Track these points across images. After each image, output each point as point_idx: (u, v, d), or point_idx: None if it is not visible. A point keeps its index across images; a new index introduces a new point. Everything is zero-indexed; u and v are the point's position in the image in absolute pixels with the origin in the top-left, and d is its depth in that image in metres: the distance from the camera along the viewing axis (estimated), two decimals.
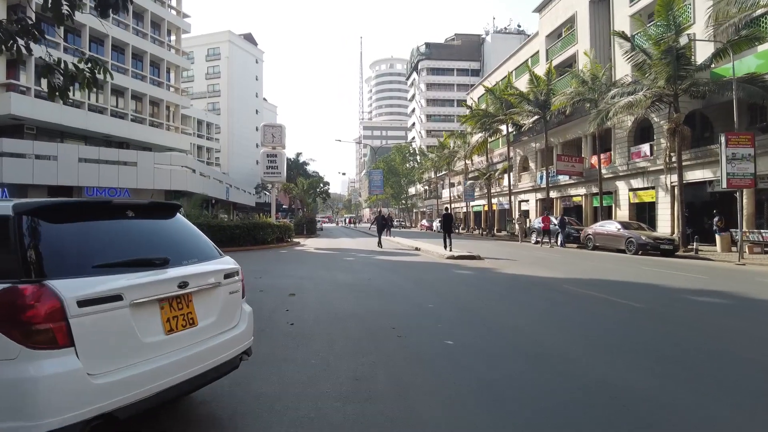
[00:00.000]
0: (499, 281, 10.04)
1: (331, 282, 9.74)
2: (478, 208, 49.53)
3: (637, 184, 25.79)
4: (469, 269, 12.18)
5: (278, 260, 15.37)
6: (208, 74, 73.98)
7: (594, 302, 7.56)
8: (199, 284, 2.83)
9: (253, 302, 7.78)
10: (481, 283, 9.83)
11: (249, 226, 21.50)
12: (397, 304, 7.17)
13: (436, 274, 11.31)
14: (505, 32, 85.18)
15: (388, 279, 10.23)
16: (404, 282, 9.75)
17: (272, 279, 10.35)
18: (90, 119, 28.94)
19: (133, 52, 32.73)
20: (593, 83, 26.14)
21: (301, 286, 9.09)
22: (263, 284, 9.40)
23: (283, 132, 25.24)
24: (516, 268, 12.35)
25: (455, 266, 12.91)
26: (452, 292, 8.39)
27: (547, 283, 9.63)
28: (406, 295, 8.08)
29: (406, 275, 11.01)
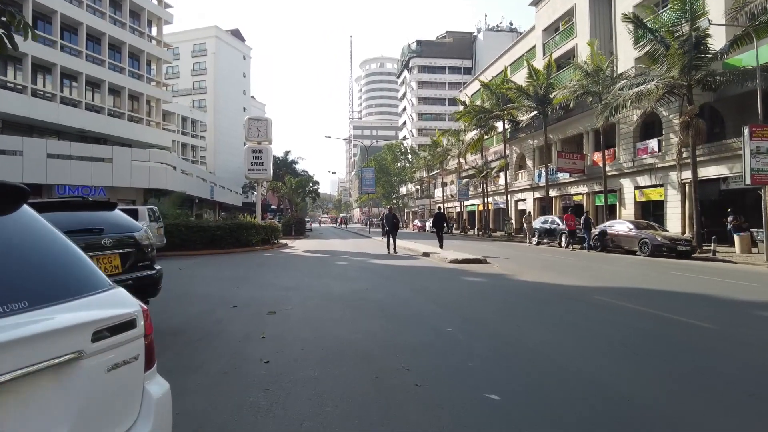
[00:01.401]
0: (520, 292, 8.53)
1: (322, 294, 8.17)
2: (472, 207, 48.19)
3: (643, 181, 24.51)
4: (480, 276, 10.67)
5: (262, 265, 13.76)
6: (194, 71, 71.96)
7: (652, 321, 6.06)
8: (19, 364, 1.25)
9: (222, 324, 6.20)
10: (500, 294, 8.32)
11: (232, 226, 19.83)
12: (406, 328, 5.62)
13: (443, 282, 9.78)
14: (497, 30, 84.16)
15: (388, 289, 8.68)
16: (409, 293, 8.21)
17: (251, 289, 8.77)
18: (62, 113, 27.02)
19: (110, 42, 30.84)
20: (597, 76, 24.82)
21: (284, 300, 7.52)
22: (239, 297, 7.82)
23: (269, 126, 23.57)
24: (531, 275, 10.87)
25: (462, 272, 11.40)
26: (471, 309, 6.85)
27: (576, 294, 8.15)
28: (415, 312, 6.53)
29: (409, 284, 9.46)
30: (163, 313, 6.65)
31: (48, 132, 27.15)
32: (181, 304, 7.45)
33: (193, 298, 8.05)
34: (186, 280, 10.45)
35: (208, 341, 5.11)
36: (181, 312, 6.77)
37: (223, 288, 9.05)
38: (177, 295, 8.27)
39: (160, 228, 16.76)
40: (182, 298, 7.94)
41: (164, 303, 7.39)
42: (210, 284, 9.71)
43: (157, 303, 7.43)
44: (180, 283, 9.97)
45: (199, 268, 13.18)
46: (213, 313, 6.62)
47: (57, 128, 27.46)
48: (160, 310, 6.74)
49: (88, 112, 29.11)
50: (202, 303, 7.46)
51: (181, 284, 9.86)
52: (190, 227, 18.57)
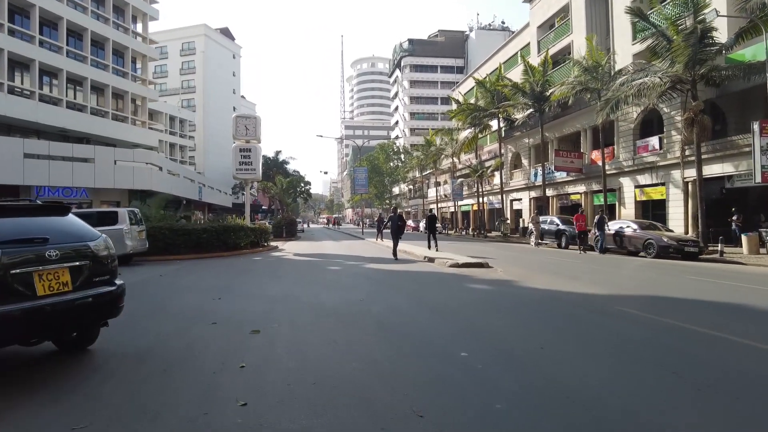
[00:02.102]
0: (534, 302, 7.72)
1: (313, 306, 7.32)
2: (466, 207, 47.53)
3: (644, 180, 23.89)
4: (485, 283, 9.86)
5: (249, 271, 12.88)
6: (183, 69, 70.71)
7: (703, 344, 5.29)
8: None
9: (196, 347, 5.32)
10: (512, 305, 7.50)
11: (218, 229, 18.90)
12: (412, 354, 4.78)
13: (446, 291, 8.97)
14: (490, 28, 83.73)
15: (386, 300, 7.85)
16: (410, 306, 7.39)
17: (235, 301, 7.91)
18: (41, 111, 25.86)
19: (92, 38, 29.68)
20: (596, 71, 24.16)
21: (270, 315, 6.67)
22: (220, 311, 6.95)
23: (258, 124, 22.64)
24: (540, 281, 10.08)
25: (465, 278, 10.59)
26: (484, 326, 6.02)
27: (597, 305, 7.36)
28: (421, 331, 5.70)
29: (409, 293, 8.64)
30: (130, 331, 5.80)
31: (27, 131, 26.00)
32: (154, 319, 6.58)
33: (168, 311, 7.19)
34: (164, 290, 9.58)
35: (175, 372, 4.26)
36: (151, 330, 5.90)
37: (204, 299, 8.19)
38: (151, 309, 7.41)
39: (142, 231, 15.86)
40: (156, 313, 7.07)
41: (134, 318, 6.55)
42: (190, 294, 8.84)
43: (127, 319, 6.55)
44: (157, 293, 9.10)
45: (182, 274, 12.29)
46: (187, 332, 5.76)
47: (36, 127, 26.30)
48: (127, 327, 5.90)
49: (69, 111, 27.95)
50: (178, 318, 6.59)
51: (158, 294, 8.99)
52: (174, 230, 17.63)
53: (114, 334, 5.54)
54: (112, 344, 5.25)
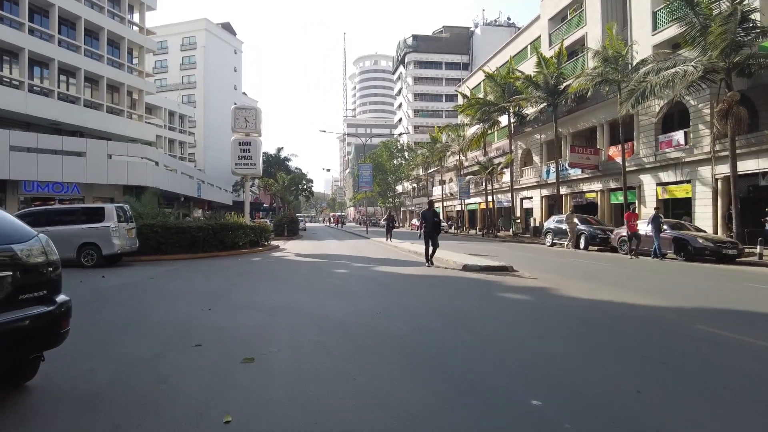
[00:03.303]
0: (592, 320, 6.34)
1: (318, 321, 6.03)
2: (472, 206, 46.16)
3: (667, 177, 22.53)
4: (517, 291, 8.55)
5: (246, 274, 11.59)
6: (183, 65, 69.47)
7: None
8: None
9: (168, 383, 3.31)
10: (566, 324, 6.13)
11: (215, 227, 17.61)
12: (459, 399, 3.47)
13: (477, 302, 7.66)
14: (495, 24, 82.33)
15: (408, 314, 6.54)
16: (438, 321, 6.08)
17: (226, 312, 6.62)
18: (31, 102, 24.57)
19: (86, 27, 28.38)
20: (616, 62, 22.80)
21: (267, 334, 5.38)
22: (207, 327, 5.68)
23: (258, 116, 21.34)
24: (579, 289, 8.74)
25: (491, 285, 9.29)
26: (545, 354, 4.63)
27: (670, 323, 6.05)
28: (463, 362, 4.40)
29: (432, 304, 7.34)
30: (91, 356, 4.54)
31: (16, 124, 24.68)
32: (127, 338, 5.31)
33: (147, 326, 5.90)
34: (149, 296, 8.31)
35: (132, 427, 2.97)
36: (118, 355, 4.61)
37: (191, 309, 6.92)
38: (127, 323, 6.15)
39: (132, 229, 14.59)
40: (132, 328, 5.79)
41: (103, 336, 5.33)
42: (177, 302, 7.57)
43: (93, 337, 5.34)
44: (140, 301, 7.84)
45: (172, 277, 11.02)
46: (162, 360, 4.46)
47: (26, 119, 25.01)
48: (90, 350, 4.66)
49: (61, 103, 26.67)
50: (156, 337, 5.31)
51: (140, 302, 7.73)
52: (167, 228, 16.36)
53: (68, 362, 4.27)
54: (61, 378, 3.97)
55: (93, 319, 6.40)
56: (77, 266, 12.89)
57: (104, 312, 6.96)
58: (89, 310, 6.99)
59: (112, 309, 7.21)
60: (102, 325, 6.01)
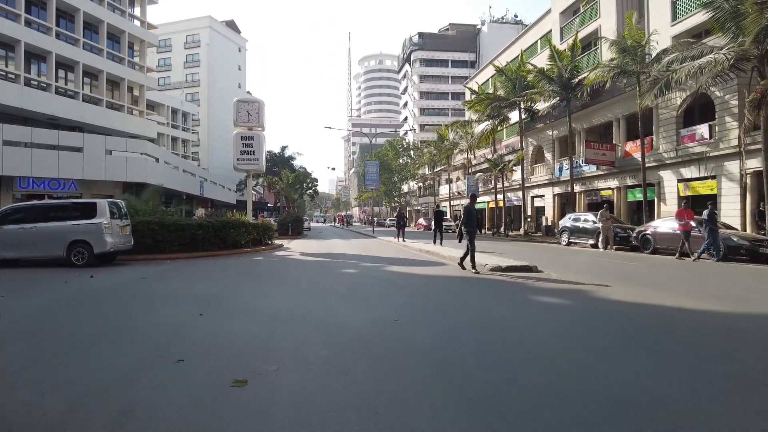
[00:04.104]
0: (654, 329, 5.39)
1: (329, 331, 5.08)
2: (481, 205, 45.10)
3: (689, 173, 21.46)
4: (552, 294, 7.56)
5: (247, 274, 10.66)
6: (187, 63, 68.73)
7: None
8: None
9: (134, 415, 2.92)
10: (622, 332, 5.17)
11: (216, 225, 16.72)
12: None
13: (509, 305, 6.69)
14: (502, 22, 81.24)
15: (432, 322, 5.58)
16: (471, 333, 5.10)
17: (221, 318, 5.69)
18: (27, 96, 23.74)
19: (85, 20, 27.55)
20: (635, 53, 21.74)
21: (267, 347, 4.43)
22: (197, 336, 4.76)
23: (261, 109, 20.46)
24: (625, 293, 7.70)
25: (522, 287, 8.31)
26: (621, 382, 3.65)
27: (752, 333, 5.07)
28: (509, 385, 3.45)
29: (459, 310, 6.37)
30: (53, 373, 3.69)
31: (12, 119, 23.84)
32: (99, 350, 4.40)
33: (126, 336, 4.98)
34: (137, 300, 7.40)
35: None
36: (83, 374, 3.70)
37: (182, 314, 6.03)
38: (108, 330, 5.26)
39: (126, 226, 13.71)
40: (109, 338, 4.88)
41: (74, 348, 4.56)
42: (166, 307, 6.68)
43: (65, 348, 4.51)
44: (128, 304, 6.94)
45: (168, 278, 10.13)
46: (134, 381, 3.54)
47: (23, 114, 24.18)
48: (53, 366, 3.90)
49: (59, 97, 25.84)
50: (133, 350, 4.40)
51: (128, 306, 6.83)
52: (165, 226, 15.46)
53: (16, 383, 3.38)
54: None
55: (68, 326, 5.54)
56: (67, 265, 12.04)
57: (83, 318, 6.06)
58: (67, 316, 6.13)
59: (92, 314, 6.31)
60: (76, 334, 5.10)
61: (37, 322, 5.70)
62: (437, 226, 20.33)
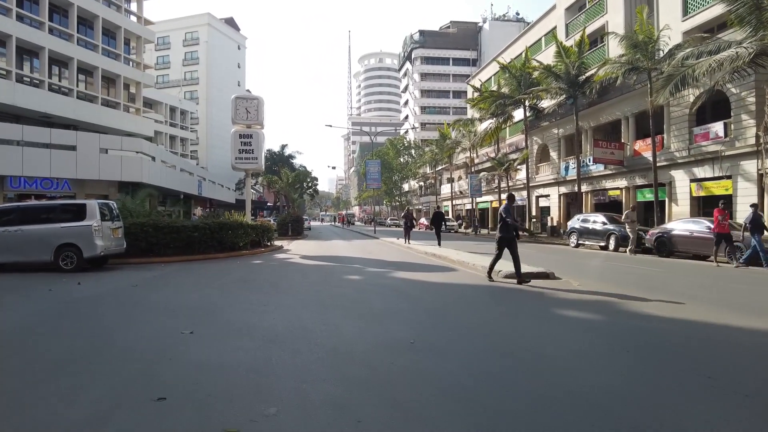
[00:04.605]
0: (722, 358, 4.73)
1: (334, 357, 4.39)
2: (484, 205, 44.47)
3: (703, 172, 20.77)
4: (581, 307, 6.86)
5: (244, 281, 9.98)
6: (186, 60, 67.94)
7: None
8: None
9: None
10: (682, 361, 4.51)
11: (212, 226, 16.04)
12: None
13: (537, 323, 5.99)
14: (504, 19, 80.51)
15: (455, 344, 4.88)
16: (500, 360, 4.41)
17: (210, 341, 5.00)
18: (19, 93, 23.02)
19: (79, 15, 26.81)
20: (646, 49, 21.04)
21: (262, 380, 3.73)
22: (182, 365, 4.09)
23: (260, 106, 19.76)
24: (659, 306, 7.05)
25: (544, 298, 7.62)
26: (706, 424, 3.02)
27: None
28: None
29: (482, 328, 5.68)
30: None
31: (3, 117, 23.08)
32: (65, 381, 3.73)
33: (101, 361, 4.32)
34: (123, 312, 6.72)
35: None
36: (38, 419, 3.02)
37: (169, 332, 5.39)
38: (81, 353, 4.62)
39: (118, 229, 13.02)
40: (82, 364, 4.22)
41: (36, 379, 3.85)
42: (154, 321, 6.02)
43: (27, 378, 3.86)
44: (109, 319, 6.26)
45: (159, 285, 9.47)
46: (101, 430, 2.87)
47: (14, 111, 23.45)
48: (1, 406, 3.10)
49: (52, 94, 25.11)
50: (107, 381, 3.73)
51: (109, 321, 6.15)
52: (159, 228, 14.79)
53: None
54: None
55: (40, 345, 4.91)
56: (55, 270, 11.37)
57: (58, 335, 5.40)
58: (42, 332, 5.47)
59: (70, 330, 5.65)
60: (45, 358, 4.43)
61: (3, 344, 5.03)
62: (436, 227, 20.46)
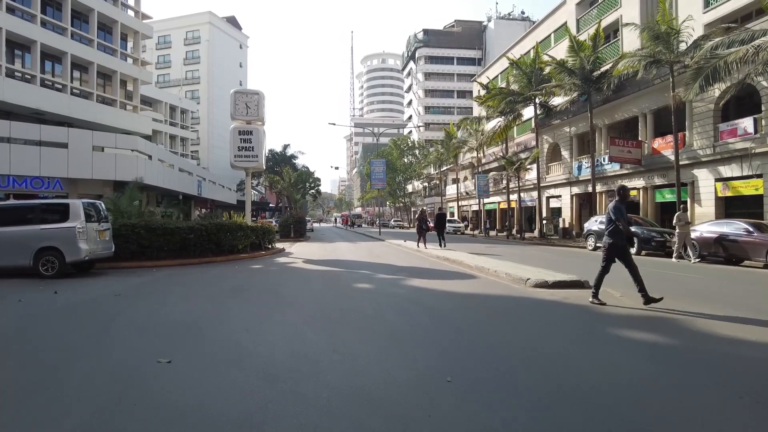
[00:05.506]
0: None
1: (351, 409, 3.29)
2: (491, 206, 43.32)
3: (729, 171, 19.61)
4: (638, 326, 5.75)
5: (240, 290, 8.87)
6: (187, 59, 67.05)
7: None
8: None
9: None
10: None
11: (209, 228, 14.97)
12: None
13: (598, 353, 4.86)
14: (509, 18, 79.50)
15: (507, 387, 3.76)
16: (572, 414, 3.33)
17: (190, 373, 3.90)
18: (8, 88, 22.00)
19: (73, 8, 25.77)
20: (668, 41, 19.88)
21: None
22: (152, 409, 2.96)
23: (260, 102, 18.69)
24: (729, 326, 5.94)
25: (589, 315, 6.50)
26: None
27: None
28: None
29: (536, 362, 4.54)
30: None
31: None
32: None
33: (50, 400, 3.23)
34: (94, 329, 5.65)
35: None
36: None
37: (143, 358, 4.34)
38: (25, 390, 3.50)
39: (106, 231, 11.94)
40: (16, 409, 3.10)
41: None
42: (127, 342, 4.97)
43: None
44: (76, 339, 5.19)
45: (144, 294, 8.41)
46: None
47: (4, 107, 22.29)
48: None
49: (44, 90, 24.05)
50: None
51: (75, 341, 5.08)
52: (151, 229, 13.72)
53: None
54: None
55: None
56: (34, 276, 10.31)
57: (9, 362, 4.34)
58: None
59: (19, 355, 4.61)
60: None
61: None
62: (439, 229, 20.05)
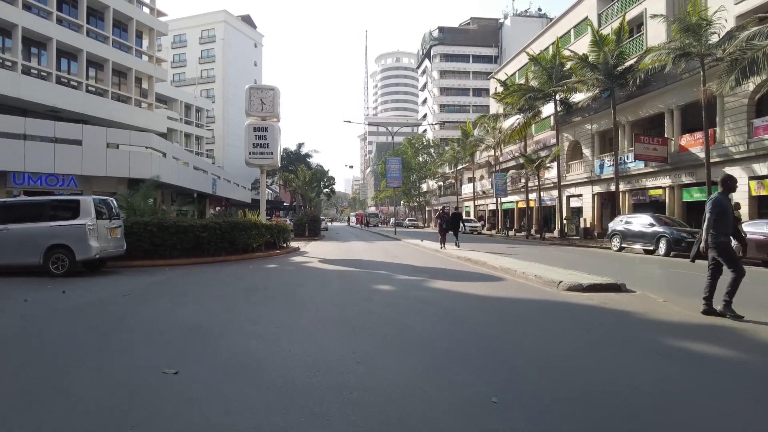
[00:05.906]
0: None
1: (384, 426, 2.77)
2: (508, 205, 42.51)
3: (764, 169, 18.70)
4: (690, 336, 5.14)
5: (254, 291, 8.42)
6: (202, 58, 67.28)
7: None
8: None
9: None
10: None
11: (223, 226, 14.61)
12: None
13: (657, 370, 4.26)
14: (526, 15, 78.38)
15: (562, 412, 3.22)
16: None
17: (197, 390, 3.42)
18: (24, 85, 21.90)
19: (89, 5, 25.68)
20: (698, 33, 19.00)
21: None
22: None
23: (276, 98, 18.28)
24: None
25: (635, 323, 5.89)
26: None
27: None
28: None
29: (589, 380, 3.98)
30: None
31: (9, 110, 21.97)
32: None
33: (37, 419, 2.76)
34: (101, 333, 5.23)
35: None
36: None
37: (144, 368, 3.88)
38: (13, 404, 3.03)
39: (117, 228, 11.60)
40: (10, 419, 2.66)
41: None
42: (130, 350, 4.53)
43: None
44: (79, 343, 4.77)
45: (154, 295, 8.01)
46: None
47: (20, 105, 22.34)
48: None
49: (60, 87, 23.99)
50: None
51: (78, 346, 4.66)
52: (164, 227, 13.38)
53: None
54: None
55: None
56: (45, 274, 10.01)
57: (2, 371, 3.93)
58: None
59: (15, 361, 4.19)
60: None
61: None
62: (454, 228, 19.69)
